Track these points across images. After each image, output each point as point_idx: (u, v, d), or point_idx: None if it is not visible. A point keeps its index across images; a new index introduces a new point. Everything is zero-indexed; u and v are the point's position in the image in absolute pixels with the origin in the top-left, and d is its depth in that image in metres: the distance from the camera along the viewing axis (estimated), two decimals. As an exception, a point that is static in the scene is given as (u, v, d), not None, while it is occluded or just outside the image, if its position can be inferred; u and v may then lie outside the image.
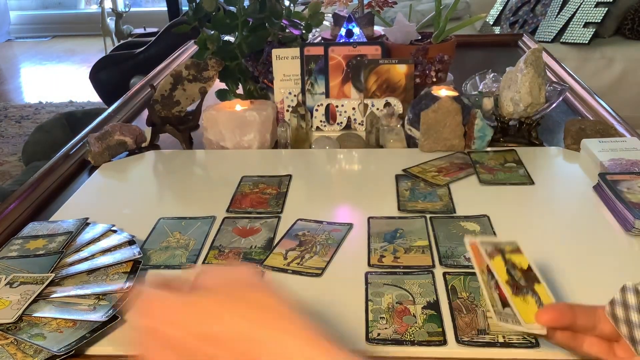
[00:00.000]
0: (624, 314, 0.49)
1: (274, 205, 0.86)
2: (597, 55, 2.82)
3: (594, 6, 2.85)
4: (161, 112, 1.10)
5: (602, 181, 0.83)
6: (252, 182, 0.93)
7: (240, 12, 1.15)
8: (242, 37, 1.17)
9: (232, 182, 0.93)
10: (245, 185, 0.92)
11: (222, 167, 1.02)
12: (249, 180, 0.94)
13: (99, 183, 0.98)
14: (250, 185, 0.92)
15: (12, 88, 4.40)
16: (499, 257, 0.55)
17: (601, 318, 0.50)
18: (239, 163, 1.01)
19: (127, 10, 4.85)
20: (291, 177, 0.94)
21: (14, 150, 3.16)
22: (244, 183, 0.93)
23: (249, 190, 0.91)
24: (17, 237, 0.77)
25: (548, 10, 3.03)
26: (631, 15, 2.87)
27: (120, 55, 2.98)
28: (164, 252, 0.75)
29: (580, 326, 0.50)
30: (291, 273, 0.70)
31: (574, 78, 1.39)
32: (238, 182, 0.93)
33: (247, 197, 0.89)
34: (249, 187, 0.92)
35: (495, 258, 0.54)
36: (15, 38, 5.77)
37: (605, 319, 0.50)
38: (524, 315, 0.52)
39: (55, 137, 1.84)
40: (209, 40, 1.17)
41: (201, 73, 1.10)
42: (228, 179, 0.94)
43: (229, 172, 0.97)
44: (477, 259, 0.55)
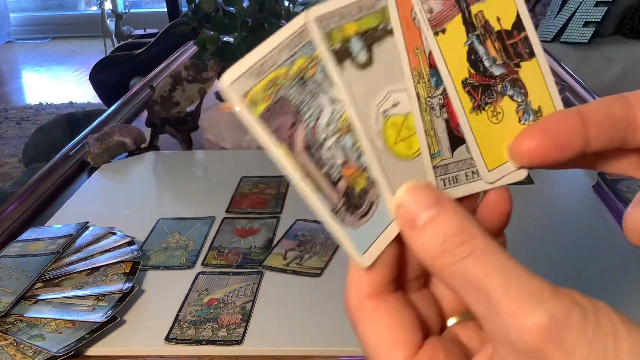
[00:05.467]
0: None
1: (273, 205, 0.86)
2: (596, 54, 2.82)
3: (593, 5, 2.85)
4: (161, 113, 1.10)
5: (601, 180, 0.83)
6: (251, 183, 0.93)
7: (240, 12, 1.15)
8: (241, 38, 1.17)
9: (231, 182, 0.93)
10: (245, 185, 0.92)
11: (222, 167, 1.02)
12: (249, 180, 0.94)
13: (98, 184, 0.98)
14: (250, 185, 0.92)
15: (12, 89, 4.41)
16: (457, 18, 0.25)
17: (636, 127, 0.25)
18: (238, 163, 1.01)
19: (127, 11, 4.85)
20: (291, 178, 0.94)
21: (14, 151, 3.16)
22: (244, 183, 0.93)
23: (249, 190, 0.91)
24: (18, 240, 0.77)
25: (548, 9, 3.03)
26: (631, 14, 2.87)
27: (120, 57, 2.98)
28: (163, 252, 0.75)
29: (596, 148, 0.25)
30: (291, 273, 0.70)
31: (573, 77, 1.39)
32: (237, 183, 0.93)
33: (247, 198, 0.89)
34: (248, 187, 0.92)
35: (449, 23, 0.25)
36: (16, 39, 5.78)
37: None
38: (489, 153, 0.26)
39: (55, 139, 1.83)
40: (208, 41, 1.17)
41: (200, 74, 1.10)
42: (227, 179, 0.94)
43: (228, 172, 0.97)
44: (407, 33, 0.25)
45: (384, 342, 0.23)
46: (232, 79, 0.22)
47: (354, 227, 0.24)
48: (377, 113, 0.24)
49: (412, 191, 0.23)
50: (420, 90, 0.25)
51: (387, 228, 0.24)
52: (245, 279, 0.69)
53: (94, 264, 0.69)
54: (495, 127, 0.26)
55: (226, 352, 0.59)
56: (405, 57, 0.24)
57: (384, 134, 0.24)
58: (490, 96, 0.26)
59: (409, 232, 0.22)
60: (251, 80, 0.23)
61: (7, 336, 0.58)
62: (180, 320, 0.63)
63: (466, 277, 0.20)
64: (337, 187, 0.23)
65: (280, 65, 0.23)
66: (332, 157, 0.23)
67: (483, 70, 0.25)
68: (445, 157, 0.25)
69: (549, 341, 0.18)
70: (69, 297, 0.64)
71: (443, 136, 0.25)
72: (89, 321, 0.59)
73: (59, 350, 0.56)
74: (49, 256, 0.70)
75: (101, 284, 0.65)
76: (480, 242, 0.21)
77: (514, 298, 0.19)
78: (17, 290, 0.64)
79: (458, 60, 0.25)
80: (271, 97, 0.23)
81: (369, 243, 0.24)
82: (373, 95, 0.24)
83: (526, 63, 0.26)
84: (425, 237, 0.22)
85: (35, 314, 0.61)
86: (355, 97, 0.23)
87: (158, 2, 5.77)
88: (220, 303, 0.65)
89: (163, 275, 0.71)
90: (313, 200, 0.23)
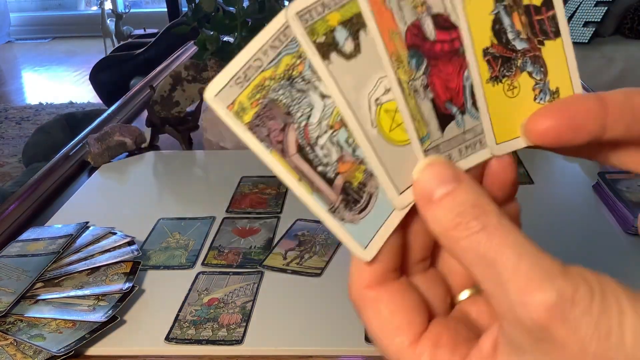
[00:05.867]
0: None
1: (273, 205, 0.86)
2: (597, 54, 2.82)
3: (593, 5, 2.85)
4: (161, 113, 1.10)
5: (601, 180, 0.83)
6: (251, 183, 0.93)
7: (240, 12, 1.15)
8: (241, 38, 1.17)
9: (231, 182, 0.93)
10: (245, 185, 0.92)
11: (222, 167, 1.02)
12: (249, 180, 0.94)
13: (98, 184, 0.98)
14: (250, 185, 0.92)
15: (12, 89, 4.41)
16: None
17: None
18: (238, 163, 1.01)
19: (127, 11, 4.85)
20: (291, 178, 0.94)
21: (14, 151, 3.16)
22: (244, 183, 0.93)
23: (249, 190, 0.91)
24: (18, 240, 0.77)
25: (548, 9, 3.03)
26: (631, 14, 2.87)
27: (120, 57, 2.98)
28: (163, 252, 0.75)
29: (613, 136, 0.24)
30: (290, 273, 0.70)
31: (573, 77, 1.39)
32: (237, 183, 0.93)
33: (247, 198, 0.89)
34: (248, 187, 0.92)
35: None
36: (16, 39, 5.78)
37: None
38: (500, 126, 0.25)
39: (55, 139, 1.83)
40: (208, 41, 1.17)
41: (200, 74, 1.10)
42: (227, 179, 0.94)
43: (228, 172, 0.97)
44: (379, 18, 0.23)
45: (387, 329, 0.24)
46: (217, 90, 0.22)
47: (354, 223, 0.23)
48: (369, 102, 0.23)
49: (431, 167, 0.23)
50: (401, 75, 0.24)
51: (388, 218, 0.24)
52: (245, 279, 0.69)
53: (94, 264, 0.69)
54: (510, 102, 0.25)
55: (226, 352, 0.59)
56: (381, 43, 0.23)
57: (379, 122, 0.24)
58: (509, 69, 0.25)
59: (425, 205, 0.23)
60: (236, 88, 0.22)
61: (8, 336, 0.58)
62: (180, 320, 0.63)
63: (477, 252, 0.21)
64: (334, 185, 0.23)
65: (267, 67, 0.22)
66: (327, 154, 0.23)
67: (506, 42, 0.25)
68: (435, 137, 0.24)
69: (555, 318, 0.19)
70: (69, 297, 0.64)
71: (430, 116, 0.24)
72: (89, 321, 0.59)
73: (59, 350, 0.56)
74: (49, 256, 0.70)
75: (101, 284, 0.65)
76: (494, 217, 0.21)
77: (523, 274, 0.20)
78: (17, 290, 0.64)
79: (482, 28, 0.24)
80: (259, 102, 0.22)
81: (371, 236, 0.24)
82: (364, 84, 0.23)
83: (550, 42, 0.25)
84: (440, 210, 0.22)
85: (36, 314, 0.61)
86: (345, 88, 0.23)
87: (158, 2, 5.77)
88: (221, 303, 0.65)
89: (163, 275, 0.71)
90: (310, 201, 0.23)
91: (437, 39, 0.24)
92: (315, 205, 0.23)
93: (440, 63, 0.24)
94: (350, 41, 0.23)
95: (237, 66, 0.22)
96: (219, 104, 0.22)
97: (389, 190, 0.24)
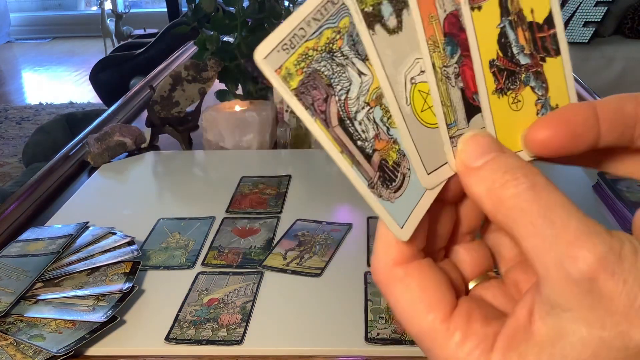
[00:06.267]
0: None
1: (273, 205, 0.86)
2: (597, 54, 2.82)
3: (593, 5, 2.85)
4: (160, 113, 1.10)
5: (601, 180, 0.83)
6: (251, 183, 0.93)
7: (240, 12, 1.15)
8: (241, 38, 1.17)
9: (231, 182, 0.93)
10: (245, 185, 0.92)
11: (222, 167, 1.02)
12: (249, 180, 0.94)
13: (98, 184, 0.98)
14: (250, 185, 0.92)
15: (12, 89, 4.41)
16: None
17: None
18: (238, 163, 1.01)
19: (127, 11, 4.85)
20: (290, 178, 0.94)
21: (14, 151, 3.16)
22: (244, 183, 0.93)
23: (249, 190, 0.91)
24: (18, 240, 0.77)
25: (548, 9, 3.03)
26: (631, 14, 2.87)
27: (120, 57, 2.98)
28: (163, 252, 0.75)
29: (607, 143, 0.24)
30: (290, 273, 0.70)
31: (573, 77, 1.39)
32: (237, 183, 0.93)
33: (247, 198, 0.89)
34: (248, 187, 0.92)
35: (486, 2, 0.25)
36: (15, 40, 5.78)
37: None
38: (504, 138, 0.26)
39: (55, 139, 1.84)
40: (208, 41, 1.17)
41: (200, 74, 1.10)
42: (227, 179, 0.94)
43: (228, 172, 0.97)
44: (421, 1, 0.24)
45: (418, 305, 0.23)
46: (265, 53, 0.22)
47: (390, 201, 0.24)
48: (405, 79, 0.24)
49: (474, 138, 0.24)
50: (436, 59, 0.24)
51: (421, 199, 0.24)
52: (245, 279, 0.69)
53: (94, 264, 0.69)
54: (514, 114, 0.26)
55: (226, 352, 0.59)
56: (420, 26, 0.24)
57: (412, 101, 0.24)
58: (514, 83, 0.26)
59: (468, 171, 0.23)
60: (283, 53, 0.22)
61: (7, 336, 0.58)
62: (180, 320, 0.63)
63: (525, 208, 0.21)
64: (372, 161, 0.23)
65: (309, 37, 0.23)
66: (365, 130, 0.23)
67: (511, 55, 0.25)
68: (461, 126, 0.25)
69: (603, 270, 0.19)
70: (69, 297, 0.64)
71: (459, 105, 0.25)
72: (89, 321, 0.59)
73: (59, 350, 0.56)
74: (49, 256, 0.70)
75: (101, 284, 0.65)
76: (542, 178, 0.22)
77: (573, 230, 0.20)
78: (17, 290, 0.64)
79: (489, 40, 0.25)
80: (304, 70, 0.23)
81: (406, 215, 0.24)
82: (402, 61, 0.24)
83: (551, 59, 0.26)
84: (486, 171, 0.22)
85: (35, 314, 0.61)
86: (386, 61, 0.23)
87: (158, 2, 5.77)
88: (220, 303, 0.65)
89: (163, 275, 0.71)
90: (352, 174, 0.23)
91: None
92: (355, 178, 0.23)
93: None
94: (394, 17, 0.24)
95: (284, 32, 0.22)
96: (267, 66, 0.22)
97: (418, 168, 0.24)
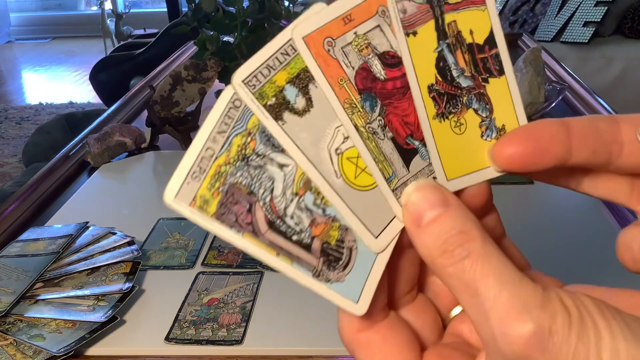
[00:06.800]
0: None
1: (273, 205, 0.86)
2: (596, 54, 2.82)
3: (593, 5, 2.85)
4: (160, 113, 1.10)
5: (601, 180, 0.83)
6: (251, 183, 0.93)
7: (240, 12, 1.15)
8: (241, 38, 1.17)
9: (231, 182, 0.93)
10: (245, 185, 0.92)
11: (222, 167, 1.02)
12: (249, 180, 0.94)
13: (98, 184, 0.98)
14: (250, 185, 0.92)
15: (12, 89, 4.41)
16: (430, 23, 0.25)
17: (622, 145, 0.24)
18: (238, 163, 1.01)
19: (127, 11, 4.85)
20: (291, 178, 0.94)
21: (14, 151, 3.16)
22: (244, 183, 0.93)
23: (249, 190, 0.91)
24: (18, 240, 0.77)
25: (547, 9, 3.03)
26: (631, 14, 2.87)
27: (120, 57, 2.98)
28: (163, 252, 0.75)
29: (580, 160, 0.24)
30: (290, 273, 0.70)
31: (573, 77, 1.39)
32: (237, 183, 0.93)
33: (247, 198, 0.89)
34: (248, 187, 0.92)
35: (421, 27, 0.24)
36: (15, 40, 5.78)
37: (632, 145, 0.24)
38: (449, 163, 0.25)
39: (55, 139, 1.83)
40: (208, 41, 1.17)
41: (200, 74, 1.10)
42: (227, 179, 0.94)
43: (228, 172, 0.97)
44: (325, 68, 0.24)
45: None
46: (175, 192, 0.22)
47: (340, 281, 0.23)
48: (329, 153, 0.23)
49: (420, 190, 0.23)
50: (357, 120, 0.24)
51: (373, 267, 0.24)
52: (245, 279, 0.69)
53: (94, 264, 0.69)
54: (457, 138, 0.25)
55: (226, 352, 0.59)
56: (332, 94, 0.23)
57: (342, 172, 0.23)
58: (455, 106, 0.25)
59: (414, 231, 0.23)
60: (194, 183, 0.22)
61: (7, 336, 0.58)
62: (180, 320, 0.63)
63: (462, 279, 0.21)
64: (312, 249, 0.23)
65: (219, 154, 0.22)
66: (298, 222, 0.23)
67: (450, 79, 0.25)
68: (401, 175, 0.24)
69: (534, 349, 0.19)
70: (69, 297, 0.64)
71: (394, 156, 0.24)
72: (89, 321, 0.59)
73: (59, 350, 0.56)
74: (49, 256, 0.70)
75: (101, 284, 0.65)
76: (479, 244, 0.21)
77: (503, 305, 0.20)
78: (17, 290, 0.64)
79: (426, 65, 0.24)
80: (220, 190, 0.22)
81: (360, 289, 0.23)
82: (321, 137, 0.23)
83: (495, 80, 0.25)
84: (428, 235, 0.22)
85: (35, 314, 0.61)
86: (303, 145, 0.23)
87: (158, 2, 5.77)
88: (220, 303, 0.65)
89: (163, 275, 0.71)
90: (292, 272, 0.23)
91: (387, 77, 0.24)
92: (298, 274, 0.23)
93: (395, 100, 0.24)
94: (300, 97, 0.23)
95: (190, 161, 0.22)
96: (180, 204, 0.22)
97: (364, 236, 0.24)
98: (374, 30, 0.24)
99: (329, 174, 0.23)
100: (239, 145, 0.22)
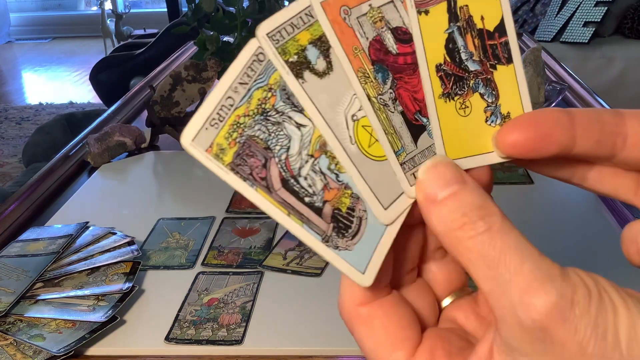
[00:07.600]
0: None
1: (273, 205, 0.86)
2: (596, 54, 2.82)
3: (593, 5, 2.85)
4: (160, 113, 1.10)
5: (601, 180, 0.83)
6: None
7: (240, 12, 1.15)
8: (241, 38, 1.17)
9: (231, 182, 0.93)
10: (245, 185, 0.92)
11: (222, 167, 1.02)
12: (249, 180, 0.94)
13: (98, 184, 0.98)
14: (250, 185, 0.92)
15: (12, 90, 4.41)
16: (442, 4, 0.25)
17: (626, 137, 0.24)
18: (238, 163, 1.01)
19: (127, 11, 4.85)
20: (291, 178, 0.94)
21: (14, 151, 3.16)
22: (244, 183, 0.93)
23: (249, 190, 0.91)
24: (18, 240, 0.77)
25: (547, 9, 3.03)
26: (631, 14, 2.87)
27: (120, 57, 2.98)
28: (163, 252, 0.75)
29: (583, 150, 0.24)
30: (290, 273, 0.70)
31: (573, 77, 1.39)
32: (237, 183, 0.93)
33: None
34: (248, 187, 0.92)
35: (434, 7, 0.25)
36: (15, 40, 5.78)
37: (635, 138, 0.24)
38: (451, 143, 0.25)
39: (55, 139, 1.83)
40: (208, 41, 1.17)
41: (200, 74, 1.10)
42: (227, 179, 0.94)
43: (228, 172, 0.97)
44: (341, 36, 0.24)
45: (382, 345, 0.23)
46: (192, 135, 0.22)
47: (348, 249, 0.23)
48: (346, 118, 0.23)
49: (435, 168, 0.23)
50: (369, 90, 0.24)
51: (381, 239, 0.24)
52: (245, 279, 0.69)
53: (94, 264, 0.69)
54: (461, 120, 0.25)
55: (226, 352, 0.59)
56: (346, 61, 0.23)
57: (357, 139, 0.24)
58: (462, 88, 0.25)
59: (428, 206, 0.22)
60: (212, 130, 0.22)
61: (7, 336, 0.58)
62: (180, 320, 0.63)
63: (481, 252, 0.21)
64: (323, 214, 0.23)
65: (239, 104, 0.22)
66: (311, 184, 0.23)
67: (459, 61, 0.25)
68: (409, 150, 0.24)
69: (555, 318, 0.19)
70: (69, 297, 0.64)
71: (403, 130, 0.24)
72: (89, 321, 0.59)
73: (59, 350, 0.56)
74: (49, 256, 0.70)
75: (101, 284, 0.65)
76: (499, 219, 0.22)
77: (525, 275, 0.20)
78: (17, 290, 0.64)
79: (436, 44, 0.24)
80: (237, 141, 0.22)
81: (367, 259, 0.23)
82: (339, 101, 0.23)
83: (503, 67, 0.25)
84: (446, 209, 0.22)
85: (35, 314, 0.61)
86: (322, 107, 0.23)
87: (158, 2, 5.77)
88: (220, 303, 0.65)
89: (163, 275, 0.71)
90: (302, 234, 0.23)
91: (399, 52, 0.24)
92: (307, 237, 0.23)
93: (406, 75, 0.24)
94: (322, 59, 0.23)
95: (210, 107, 0.22)
96: (197, 149, 0.22)
97: (374, 206, 0.24)
98: (387, 5, 0.24)
99: (344, 139, 0.23)
100: (260, 99, 0.22)
